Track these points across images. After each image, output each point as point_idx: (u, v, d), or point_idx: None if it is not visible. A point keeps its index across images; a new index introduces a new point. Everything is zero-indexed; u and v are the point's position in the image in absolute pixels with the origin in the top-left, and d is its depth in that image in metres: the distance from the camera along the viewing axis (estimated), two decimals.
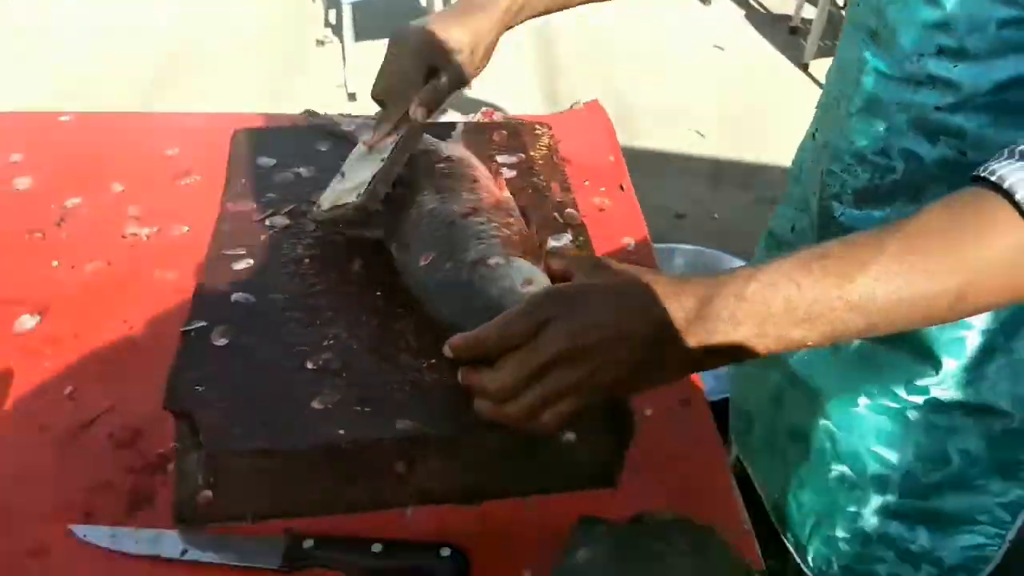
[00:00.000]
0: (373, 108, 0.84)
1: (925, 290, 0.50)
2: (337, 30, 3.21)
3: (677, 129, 2.78)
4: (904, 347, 0.73)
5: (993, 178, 0.49)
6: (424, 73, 0.77)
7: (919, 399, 0.74)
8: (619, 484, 0.67)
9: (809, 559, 0.84)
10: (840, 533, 0.80)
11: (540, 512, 0.65)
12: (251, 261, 0.76)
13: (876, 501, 0.77)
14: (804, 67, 3.14)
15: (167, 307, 0.79)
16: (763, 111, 2.86)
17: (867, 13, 0.69)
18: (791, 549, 0.85)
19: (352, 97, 2.82)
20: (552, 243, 0.78)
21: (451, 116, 1.03)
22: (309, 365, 0.66)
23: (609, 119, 1.09)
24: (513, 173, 0.87)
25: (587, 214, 0.90)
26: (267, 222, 0.80)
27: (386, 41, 0.79)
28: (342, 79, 2.89)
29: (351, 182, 0.79)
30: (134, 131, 1.09)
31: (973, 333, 0.71)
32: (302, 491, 0.63)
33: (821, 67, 3.09)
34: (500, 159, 0.89)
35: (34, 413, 0.72)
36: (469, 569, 0.61)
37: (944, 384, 0.73)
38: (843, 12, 3.05)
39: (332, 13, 3.31)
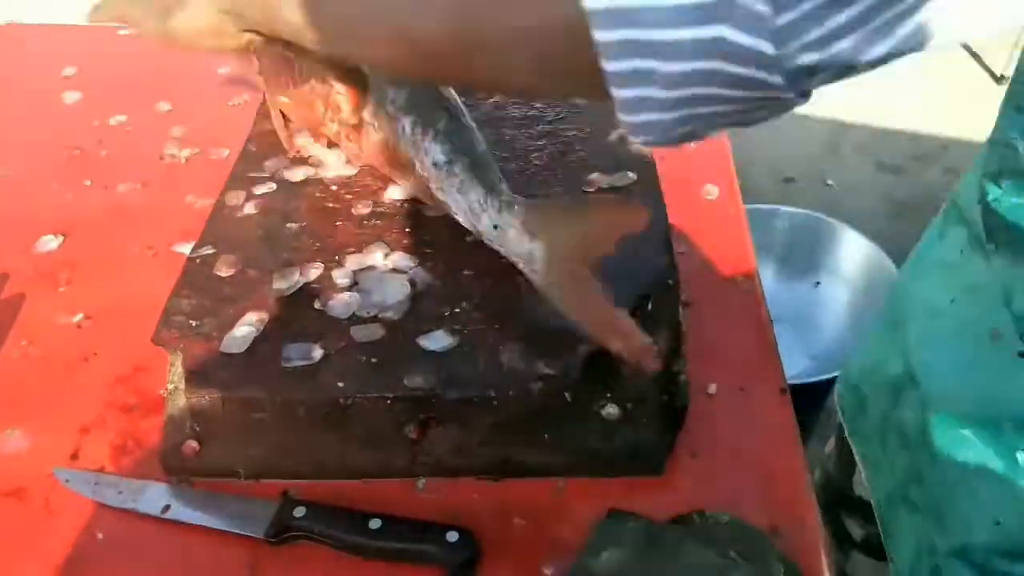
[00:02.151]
0: None
1: None
2: None
3: None
4: None
5: None
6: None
7: None
8: (665, 472, 0.56)
9: None
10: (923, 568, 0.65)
11: (571, 498, 0.55)
12: (274, 185, 0.68)
13: (956, 543, 0.62)
14: None
15: (195, 235, 0.72)
16: (892, 71, 2.60)
17: None
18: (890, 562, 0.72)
19: None
20: (609, 181, 0.66)
21: None
22: (317, 305, 0.57)
23: None
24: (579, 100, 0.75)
25: (665, 156, 0.77)
26: (299, 140, 0.71)
27: None
28: None
29: None
30: None
31: None
32: (300, 450, 0.55)
33: None
34: None
35: (38, 341, 0.67)
36: (479, 559, 0.51)
37: None
38: None
39: None
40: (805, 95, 0.33)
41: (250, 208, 0.66)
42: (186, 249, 0.67)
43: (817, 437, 1.37)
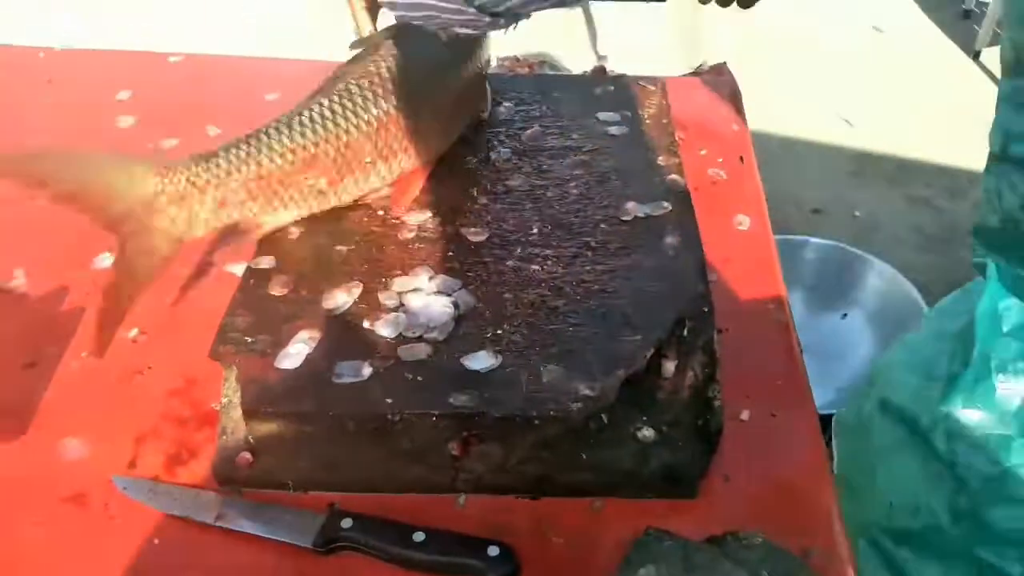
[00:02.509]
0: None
1: None
2: None
3: (822, 115, 2.58)
4: None
5: None
6: None
7: None
8: (699, 494, 0.58)
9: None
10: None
11: (608, 517, 0.57)
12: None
13: (862, 520, 0.68)
14: (975, 55, 2.86)
15: (246, 256, 0.75)
16: (923, 102, 2.62)
17: None
18: None
19: None
20: (644, 211, 0.69)
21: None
22: (365, 325, 0.60)
23: (737, 85, 0.98)
24: (614, 131, 0.78)
25: (698, 186, 0.80)
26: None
27: None
28: None
29: None
30: (239, 75, 1.06)
31: None
32: (347, 464, 0.58)
33: (994, 56, 2.80)
34: (602, 116, 0.80)
35: None
36: (518, 573, 0.53)
37: None
38: None
39: None
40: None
41: (300, 230, 0.69)
42: (236, 269, 0.70)
43: None
